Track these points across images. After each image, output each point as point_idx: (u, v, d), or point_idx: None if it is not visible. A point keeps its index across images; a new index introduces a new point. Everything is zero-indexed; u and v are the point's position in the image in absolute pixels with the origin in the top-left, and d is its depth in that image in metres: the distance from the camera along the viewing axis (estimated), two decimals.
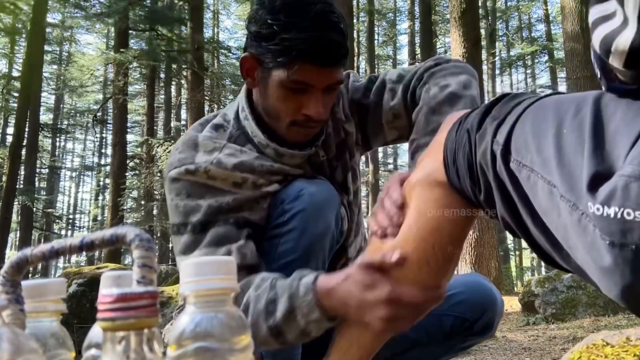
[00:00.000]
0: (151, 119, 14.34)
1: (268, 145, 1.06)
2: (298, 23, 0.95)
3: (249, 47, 1.03)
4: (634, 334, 1.73)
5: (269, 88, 1.02)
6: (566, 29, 7.71)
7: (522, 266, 19.20)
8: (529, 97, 0.68)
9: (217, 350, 0.38)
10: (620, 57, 0.53)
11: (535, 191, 0.59)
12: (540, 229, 0.61)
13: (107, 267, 3.75)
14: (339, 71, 1.02)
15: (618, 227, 0.47)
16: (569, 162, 0.55)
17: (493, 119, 0.67)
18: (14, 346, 0.35)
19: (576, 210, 0.52)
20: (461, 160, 0.70)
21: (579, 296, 4.81)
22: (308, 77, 0.98)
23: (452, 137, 0.72)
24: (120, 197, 11.15)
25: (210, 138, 1.06)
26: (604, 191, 0.49)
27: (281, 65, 0.97)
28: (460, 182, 0.71)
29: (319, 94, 1.00)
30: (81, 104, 25.67)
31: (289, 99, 1.01)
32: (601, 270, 0.50)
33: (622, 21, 0.53)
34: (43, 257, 0.40)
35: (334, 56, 0.98)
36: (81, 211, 30.59)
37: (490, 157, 0.65)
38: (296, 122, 1.03)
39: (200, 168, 1.01)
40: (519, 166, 0.61)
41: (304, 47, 0.95)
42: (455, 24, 7.38)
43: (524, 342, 3.64)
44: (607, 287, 0.52)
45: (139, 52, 11.58)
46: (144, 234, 0.37)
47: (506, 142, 0.63)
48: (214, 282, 0.40)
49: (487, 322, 1.13)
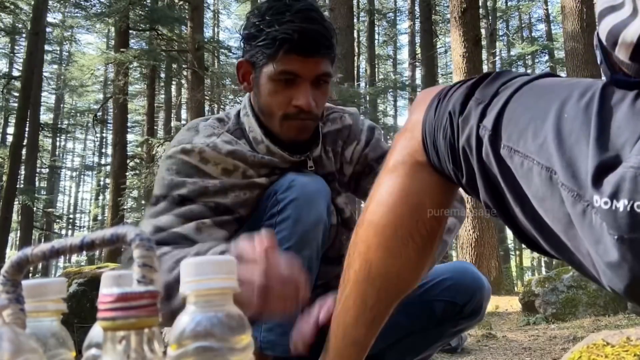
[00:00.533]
0: (151, 119, 14.34)
1: (262, 140, 1.10)
2: (281, 18, 1.03)
3: (244, 53, 1.11)
4: (634, 333, 1.72)
5: (261, 86, 1.07)
6: (567, 28, 7.71)
7: (523, 266, 19.19)
8: (516, 77, 0.66)
9: (217, 350, 0.38)
10: (627, 49, 0.52)
11: (529, 178, 0.57)
12: (529, 216, 0.59)
13: (107, 266, 3.75)
14: (324, 63, 1.06)
15: (627, 220, 0.46)
16: (571, 148, 0.53)
17: (477, 101, 0.65)
18: (15, 346, 0.35)
19: (580, 201, 0.50)
20: (441, 142, 0.68)
21: (579, 296, 4.81)
22: (293, 66, 1.03)
23: (431, 117, 0.70)
24: (121, 197, 11.15)
25: (212, 126, 1.11)
26: (610, 183, 0.47)
27: (269, 58, 1.04)
28: (441, 164, 0.70)
29: (307, 85, 1.05)
30: (81, 103, 25.67)
31: (279, 92, 1.06)
32: (607, 265, 0.49)
33: (630, 12, 0.51)
34: (43, 256, 0.40)
35: (317, 46, 1.04)
36: (81, 211, 30.62)
37: (475, 143, 0.63)
38: (288, 115, 1.07)
39: (196, 148, 1.05)
40: (511, 152, 0.59)
41: (286, 36, 1.01)
42: (455, 24, 7.38)
43: (524, 342, 3.64)
44: (614, 281, 0.50)
45: (139, 51, 11.57)
46: (144, 234, 0.37)
47: (494, 127, 0.61)
48: (214, 281, 0.40)
49: (475, 305, 1.15)
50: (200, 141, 1.06)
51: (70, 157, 31.00)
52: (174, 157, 1.05)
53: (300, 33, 1.01)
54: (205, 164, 1.04)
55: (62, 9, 17.12)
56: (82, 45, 23.52)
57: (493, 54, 17.62)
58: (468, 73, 7.12)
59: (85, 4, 13.58)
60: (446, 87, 0.73)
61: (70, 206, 30.87)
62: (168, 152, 1.07)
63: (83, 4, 13.74)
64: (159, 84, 17.03)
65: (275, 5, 1.05)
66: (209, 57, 13.56)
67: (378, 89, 18.09)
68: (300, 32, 1.01)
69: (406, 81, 20.95)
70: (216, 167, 1.05)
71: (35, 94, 12.42)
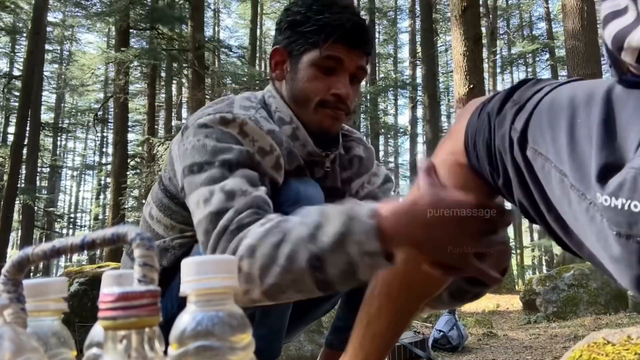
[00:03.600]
0: (152, 118, 14.33)
1: (291, 122, 1.07)
2: (331, 8, 1.05)
3: (279, 42, 1.10)
4: (635, 332, 1.72)
5: (299, 72, 1.07)
6: (567, 26, 7.70)
7: (524, 265, 19.18)
8: (550, 83, 0.68)
9: (218, 349, 0.38)
10: (633, 53, 0.53)
11: (549, 179, 0.59)
12: (553, 216, 0.61)
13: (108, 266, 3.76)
14: (365, 58, 1.09)
15: (625, 218, 0.48)
16: (582, 152, 0.55)
17: (513, 103, 0.68)
18: (16, 345, 0.35)
19: (584, 200, 0.53)
20: (480, 144, 0.70)
21: (580, 294, 4.81)
22: (340, 53, 1.04)
23: (474, 121, 0.73)
24: (122, 196, 11.15)
25: (248, 98, 1.08)
26: (614, 183, 0.50)
27: (314, 44, 1.04)
28: (480, 165, 0.71)
29: (347, 76, 1.06)
30: (82, 103, 25.66)
31: (319, 79, 1.05)
32: (611, 260, 0.51)
33: (635, 17, 0.53)
34: (44, 256, 0.40)
35: (363, 39, 1.07)
36: (82, 210, 30.62)
37: (508, 143, 0.65)
38: (325, 103, 1.06)
39: (238, 118, 0.96)
40: (535, 154, 0.62)
41: (338, 24, 1.03)
42: (456, 22, 7.37)
43: (525, 341, 3.64)
44: (619, 275, 0.53)
45: (140, 51, 11.56)
46: (145, 233, 0.37)
47: (523, 129, 0.64)
48: (215, 280, 0.40)
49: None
50: (242, 112, 0.99)
51: (71, 157, 31.03)
52: (212, 126, 0.95)
53: (352, 23, 1.04)
54: (244, 138, 0.95)
55: (62, 8, 17.12)
56: (83, 44, 23.64)
57: (494, 53, 17.61)
58: (468, 71, 7.11)
59: (85, 3, 13.59)
60: (491, 95, 0.75)
61: (71, 205, 30.88)
62: (201, 120, 0.96)
63: (83, 3, 13.74)
64: (159, 83, 17.02)
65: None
66: (210, 56, 13.55)
67: (378, 88, 18.08)
68: (352, 23, 1.04)
69: (407, 80, 20.95)
70: (253, 144, 0.96)
71: (36, 94, 12.42)
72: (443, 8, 18.11)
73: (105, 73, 19.40)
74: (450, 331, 3.39)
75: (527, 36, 22.07)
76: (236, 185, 0.88)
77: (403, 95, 22.88)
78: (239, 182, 0.88)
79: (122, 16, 10.79)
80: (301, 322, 1.24)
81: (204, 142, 0.93)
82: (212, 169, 0.90)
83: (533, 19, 22.62)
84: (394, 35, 23.36)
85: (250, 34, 17.53)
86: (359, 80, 1.11)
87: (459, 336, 3.40)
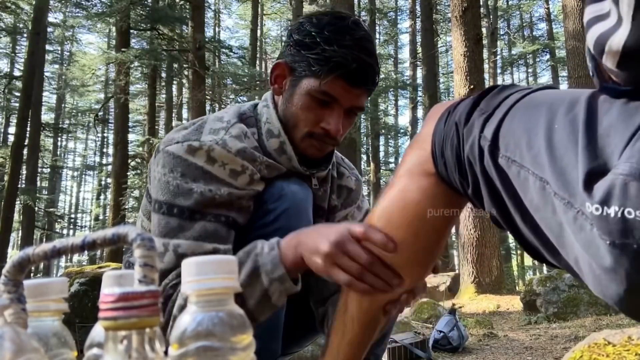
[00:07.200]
0: (152, 119, 14.34)
1: (279, 135, 1.07)
2: (341, 40, 1.00)
3: (285, 55, 1.07)
4: (635, 333, 1.72)
5: (295, 95, 1.05)
6: (568, 27, 7.70)
7: (524, 265, 19.17)
8: (518, 90, 0.67)
9: (218, 350, 0.38)
10: (613, 57, 0.52)
11: (526, 187, 0.58)
12: (529, 225, 0.60)
13: (109, 266, 3.76)
14: (365, 96, 1.06)
15: (618, 226, 0.47)
16: (561, 158, 0.54)
17: (481, 112, 0.66)
18: (16, 345, 0.35)
19: (571, 209, 0.51)
20: (449, 152, 0.69)
21: (580, 295, 4.81)
22: (337, 92, 1.02)
23: (440, 128, 0.72)
24: (122, 197, 11.14)
25: (219, 119, 1.07)
26: (601, 190, 0.48)
27: (314, 74, 1.01)
28: (448, 174, 0.71)
29: (341, 111, 1.04)
30: (83, 103, 25.69)
31: (312, 110, 1.04)
32: (603, 270, 0.50)
33: (616, 21, 0.52)
34: (45, 256, 0.40)
35: (367, 79, 1.03)
36: (83, 210, 30.62)
37: (477, 152, 0.64)
38: (313, 134, 1.06)
39: (205, 145, 0.98)
40: (508, 162, 0.60)
41: (343, 61, 0.99)
42: (456, 23, 7.37)
43: (525, 341, 3.64)
44: (606, 285, 0.51)
45: (140, 51, 11.56)
46: (146, 233, 0.37)
47: (494, 137, 0.62)
48: (216, 281, 0.40)
49: None
50: (210, 137, 1.00)
51: (71, 157, 31.05)
52: (178, 156, 0.98)
53: (357, 63, 1.00)
54: (212, 165, 0.98)
55: (63, 8, 17.13)
56: (83, 45, 23.64)
57: (494, 53, 17.61)
58: (469, 72, 7.11)
59: (86, 3, 13.59)
60: (456, 100, 0.74)
61: (72, 206, 30.90)
62: (170, 148, 1.00)
63: (84, 4, 13.75)
64: (160, 83, 17.03)
65: (337, 23, 1.02)
66: (210, 57, 13.56)
67: (379, 88, 18.09)
68: (357, 62, 1.00)
69: (407, 80, 20.95)
70: (223, 168, 0.99)
71: (36, 94, 12.44)
72: (443, 9, 18.12)
73: (105, 73, 19.43)
74: (450, 332, 3.39)
75: (528, 37, 22.09)
76: (189, 249, 0.95)
77: (403, 96, 22.88)
78: (192, 245, 0.96)
79: (123, 17, 10.79)
80: (301, 333, 1.25)
81: (168, 178, 0.99)
82: (171, 217, 0.97)
83: (533, 19, 22.65)
84: (395, 35, 23.38)
85: (251, 35, 17.56)
86: (356, 114, 1.08)
87: (459, 337, 3.40)
